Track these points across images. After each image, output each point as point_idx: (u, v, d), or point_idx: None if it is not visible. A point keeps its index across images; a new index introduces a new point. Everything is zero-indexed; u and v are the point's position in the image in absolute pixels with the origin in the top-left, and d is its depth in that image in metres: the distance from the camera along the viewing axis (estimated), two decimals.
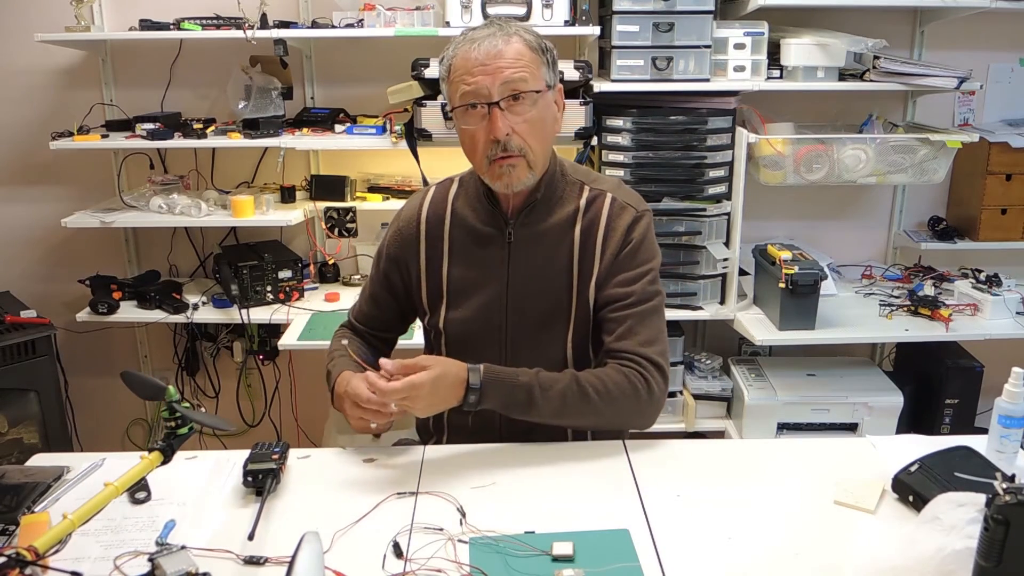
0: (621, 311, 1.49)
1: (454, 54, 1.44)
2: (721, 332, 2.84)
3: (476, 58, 1.40)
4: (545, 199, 1.52)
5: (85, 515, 1.09)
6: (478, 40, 1.41)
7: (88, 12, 2.63)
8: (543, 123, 1.46)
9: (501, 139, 1.41)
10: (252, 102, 2.60)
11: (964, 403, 2.62)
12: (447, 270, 1.56)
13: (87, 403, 3.00)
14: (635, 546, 1.20)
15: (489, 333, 1.54)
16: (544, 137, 1.47)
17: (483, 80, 1.39)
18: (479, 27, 1.45)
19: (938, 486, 1.24)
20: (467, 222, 1.55)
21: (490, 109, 1.41)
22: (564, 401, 1.43)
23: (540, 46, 1.45)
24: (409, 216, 1.60)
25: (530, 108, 1.42)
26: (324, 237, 2.85)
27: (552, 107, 1.49)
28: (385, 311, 1.67)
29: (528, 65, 1.41)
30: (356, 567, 1.15)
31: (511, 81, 1.40)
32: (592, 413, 1.45)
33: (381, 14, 2.45)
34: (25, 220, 2.95)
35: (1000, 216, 2.70)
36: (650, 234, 1.54)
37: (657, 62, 2.43)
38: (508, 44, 1.41)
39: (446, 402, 1.41)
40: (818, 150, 2.50)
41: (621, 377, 1.45)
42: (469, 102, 1.42)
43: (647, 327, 1.49)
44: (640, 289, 1.50)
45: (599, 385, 1.44)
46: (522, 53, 1.41)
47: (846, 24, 2.62)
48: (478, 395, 1.40)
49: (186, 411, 1.25)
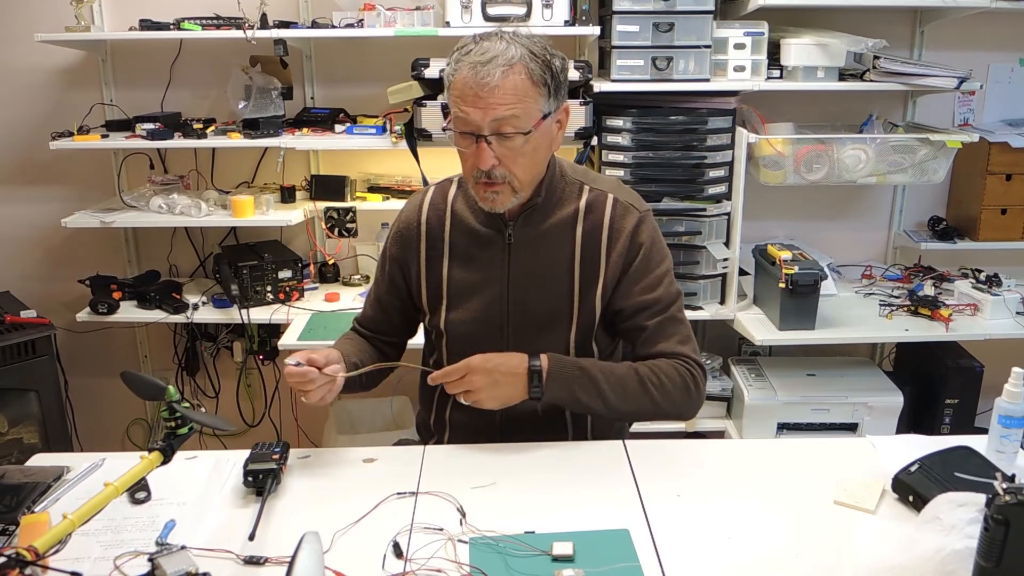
0: (653, 318, 1.52)
1: (455, 69, 1.40)
2: (721, 332, 2.84)
3: (471, 86, 1.36)
4: (545, 201, 1.52)
5: (85, 515, 1.09)
6: (479, 64, 1.36)
7: (88, 12, 2.63)
8: (534, 154, 1.44)
9: (484, 169, 1.41)
10: (252, 102, 2.60)
11: (964, 403, 2.62)
12: (447, 271, 1.56)
13: (87, 403, 3.00)
14: (635, 546, 1.20)
15: (491, 334, 1.54)
16: (534, 165, 1.46)
17: (473, 113, 1.37)
18: (487, 38, 1.40)
19: (938, 486, 1.24)
20: (467, 223, 1.55)
21: (478, 140, 1.39)
22: (624, 388, 1.47)
23: (543, 76, 1.39)
24: (409, 217, 1.60)
25: (520, 143, 1.40)
26: (324, 237, 2.85)
27: (548, 134, 1.46)
28: (391, 314, 1.66)
29: (523, 100, 1.38)
30: (356, 567, 1.15)
31: (501, 119, 1.37)
32: (648, 402, 1.47)
33: (381, 14, 2.45)
34: (25, 220, 2.95)
35: (1000, 216, 2.70)
36: (657, 235, 1.55)
37: (657, 62, 2.43)
38: (507, 77, 1.36)
39: (512, 390, 1.43)
40: (818, 150, 2.50)
41: (672, 370, 1.49)
42: (459, 129, 1.41)
43: (679, 328, 1.53)
44: (664, 292, 1.52)
45: (653, 376, 1.48)
46: (519, 87, 1.37)
47: (846, 24, 2.62)
48: (541, 380, 1.43)
49: (186, 411, 1.25)
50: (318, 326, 2.46)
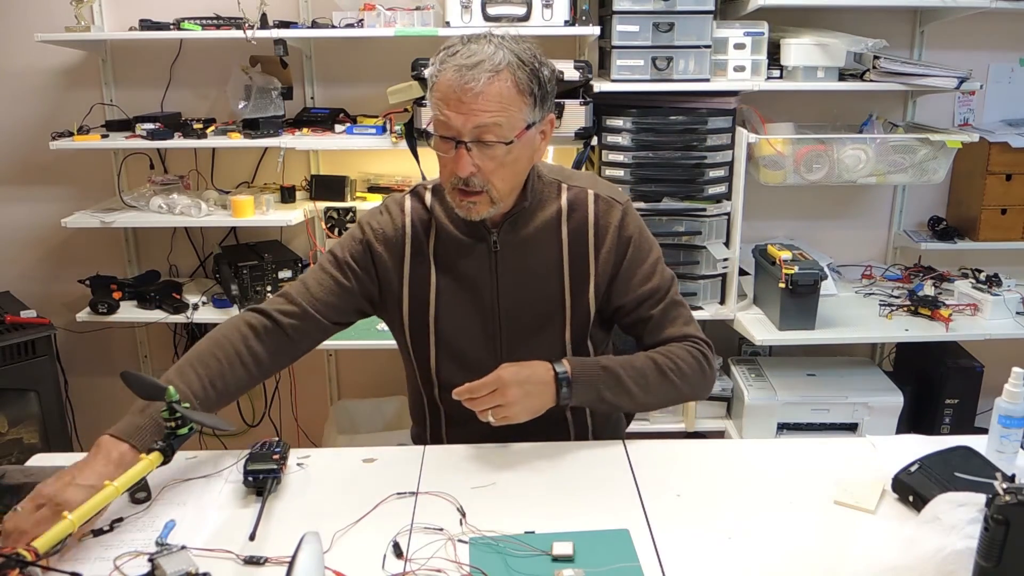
0: (655, 306, 1.53)
1: (440, 70, 1.35)
2: (721, 332, 2.84)
3: (455, 89, 1.32)
4: (527, 205, 1.50)
5: (85, 515, 1.10)
6: (464, 67, 1.32)
7: (88, 12, 2.63)
8: (514, 164, 1.40)
9: (462, 176, 1.37)
10: (252, 102, 2.60)
11: (964, 403, 2.62)
12: (434, 281, 1.52)
13: (87, 403, 3.00)
14: (635, 546, 1.20)
15: (484, 343, 1.52)
16: (513, 176, 1.42)
17: (455, 118, 1.34)
18: (475, 40, 1.36)
19: (938, 486, 1.24)
20: (449, 232, 1.51)
21: (457, 146, 1.36)
22: (647, 379, 1.47)
23: (529, 85, 1.35)
24: (393, 222, 1.52)
25: (501, 152, 1.36)
26: (324, 237, 2.84)
27: (531, 145, 1.42)
28: (345, 302, 1.52)
29: (507, 109, 1.34)
30: (356, 567, 1.15)
31: (483, 126, 1.34)
32: (670, 388, 1.49)
33: (381, 14, 2.45)
34: (25, 220, 2.95)
35: (1000, 216, 2.70)
36: (641, 224, 1.55)
37: (657, 62, 2.43)
38: (491, 83, 1.32)
39: (542, 400, 1.41)
40: (818, 150, 2.50)
41: (685, 353, 1.50)
42: (440, 133, 1.38)
43: (681, 311, 1.56)
44: (661, 279, 1.53)
45: (670, 363, 1.48)
46: (504, 95, 1.33)
47: (846, 24, 2.62)
48: (569, 385, 1.42)
49: (186, 411, 1.25)
50: None
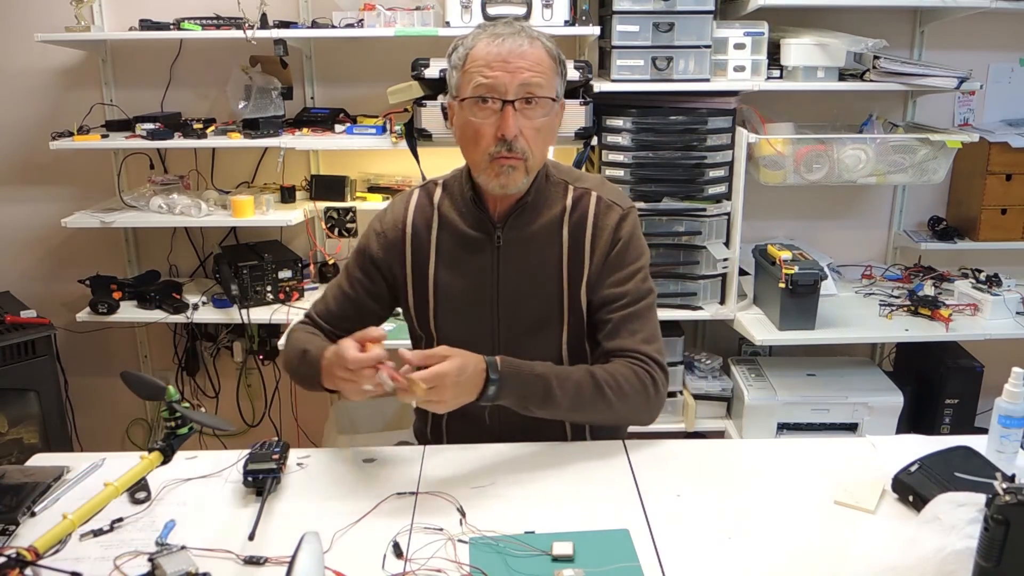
0: (618, 311, 1.49)
1: (473, 44, 1.41)
2: (721, 332, 2.84)
3: (498, 53, 1.38)
4: (533, 201, 1.51)
5: (85, 515, 1.09)
6: (502, 36, 1.40)
7: (88, 12, 2.63)
8: (549, 131, 1.46)
9: (509, 138, 1.39)
10: (252, 102, 2.60)
11: (964, 403, 2.62)
12: (434, 275, 1.53)
13: (87, 403, 3.00)
14: (635, 546, 1.20)
15: (481, 339, 1.51)
16: (545, 146, 1.48)
17: (502, 76, 1.38)
18: (499, 24, 1.44)
19: (938, 486, 1.24)
20: (454, 226, 1.52)
21: (503, 106, 1.39)
22: (580, 394, 1.42)
23: (557, 57, 1.45)
24: (395, 219, 1.56)
25: (541, 114, 1.42)
26: (324, 237, 2.85)
27: (557, 118, 1.49)
28: (362, 313, 1.58)
29: (547, 72, 1.42)
30: (356, 567, 1.15)
31: (529, 84, 1.39)
32: (605, 407, 1.44)
33: (381, 14, 2.45)
34: (25, 220, 2.95)
35: (1000, 216, 2.70)
36: (637, 231, 1.54)
37: (657, 62, 2.43)
38: (532, 47, 1.40)
39: (468, 395, 1.35)
40: (818, 150, 2.50)
41: (631, 373, 1.45)
42: (482, 95, 1.40)
43: (645, 325, 1.50)
44: (634, 288, 1.50)
45: (611, 380, 1.43)
46: (543, 59, 1.41)
47: (846, 24, 2.62)
48: (497, 386, 1.36)
49: (186, 411, 1.25)
50: None
